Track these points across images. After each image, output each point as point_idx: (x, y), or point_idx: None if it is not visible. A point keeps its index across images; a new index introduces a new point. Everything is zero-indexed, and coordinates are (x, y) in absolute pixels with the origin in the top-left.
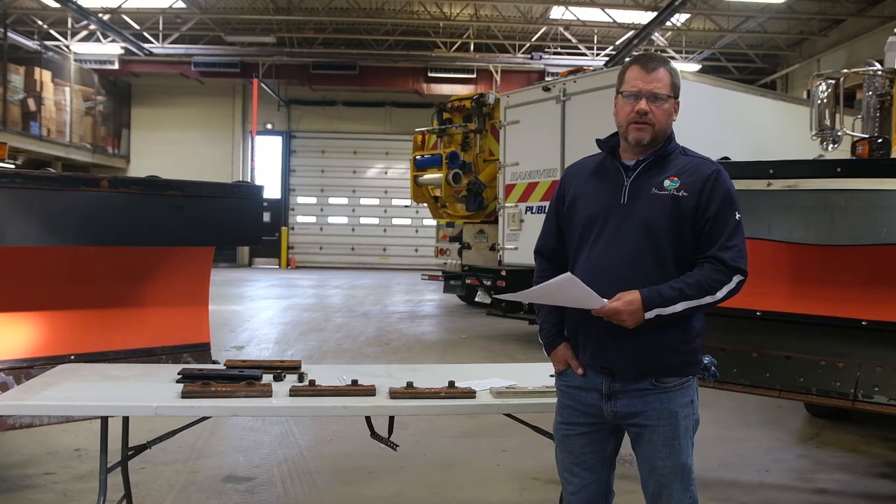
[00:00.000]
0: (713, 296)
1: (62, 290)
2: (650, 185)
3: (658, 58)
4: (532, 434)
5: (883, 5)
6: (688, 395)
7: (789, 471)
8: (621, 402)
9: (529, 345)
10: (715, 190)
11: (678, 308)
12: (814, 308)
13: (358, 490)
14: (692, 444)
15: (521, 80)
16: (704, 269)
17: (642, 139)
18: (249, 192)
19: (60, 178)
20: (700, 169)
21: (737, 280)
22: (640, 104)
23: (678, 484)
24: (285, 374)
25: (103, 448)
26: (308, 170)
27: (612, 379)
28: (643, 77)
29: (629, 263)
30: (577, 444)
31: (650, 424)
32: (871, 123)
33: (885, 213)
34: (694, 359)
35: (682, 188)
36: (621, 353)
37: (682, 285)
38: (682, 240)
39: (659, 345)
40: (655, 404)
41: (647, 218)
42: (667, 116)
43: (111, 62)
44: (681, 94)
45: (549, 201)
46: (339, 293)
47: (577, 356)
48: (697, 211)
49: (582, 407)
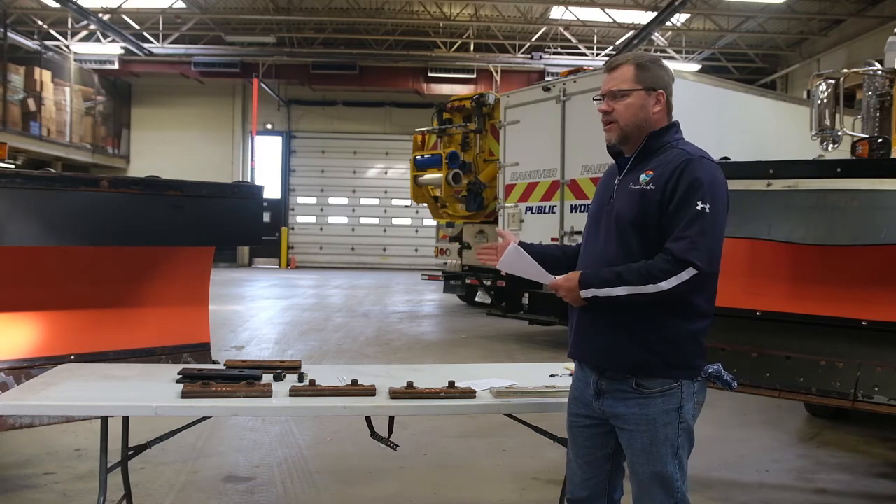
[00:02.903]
0: (655, 285)
1: (62, 290)
2: (629, 182)
3: (623, 56)
4: (532, 434)
5: (883, 5)
6: (671, 403)
7: (789, 471)
8: (607, 402)
9: (529, 345)
10: (680, 180)
11: (616, 292)
12: (814, 308)
13: (358, 490)
14: (679, 452)
15: (521, 80)
16: (655, 258)
17: (610, 139)
18: (249, 192)
19: (60, 178)
20: (672, 160)
21: (689, 273)
22: (602, 105)
23: (658, 490)
24: (285, 374)
25: (103, 448)
26: (308, 170)
27: (600, 375)
28: (605, 79)
29: (604, 260)
30: (580, 435)
31: (629, 429)
32: (871, 123)
33: (885, 213)
34: (679, 362)
35: (651, 181)
36: (591, 345)
37: (622, 270)
38: (651, 233)
39: (629, 341)
40: (635, 409)
41: (619, 214)
42: (632, 110)
43: (111, 62)
44: (681, 95)
45: (549, 201)
46: (339, 293)
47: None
48: (662, 204)
49: (585, 400)
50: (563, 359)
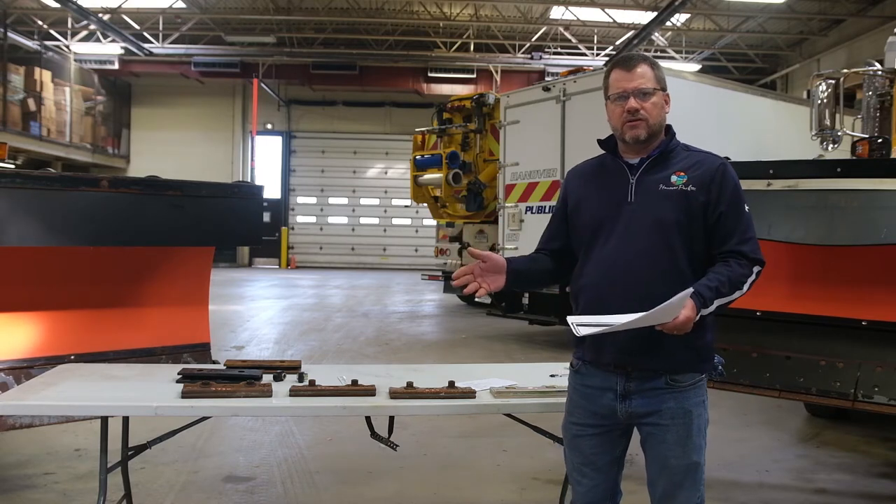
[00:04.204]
0: (741, 290)
1: (62, 290)
2: (657, 182)
3: (636, 56)
4: (532, 434)
5: (883, 5)
6: (701, 395)
7: (789, 471)
8: (636, 402)
9: (529, 345)
10: (724, 184)
11: (714, 306)
12: (814, 308)
13: (358, 490)
14: (705, 443)
15: (521, 80)
16: (730, 264)
17: (639, 136)
18: (249, 192)
19: (60, 178)
20: (706, 163)
21: (756, 271)
22: (629, 103)
23: (688, 482)
24: (285, 374)
25: (103, 448)
26: (308, 170)
27: (626, 378)
28: (625, 77)
29: (645, 259)
30: (587, 444)
31: (664, 423)
32: (871, 123)
33: (885, 213)
34: (707, 355)
35: (689, 183)
36: (642, 351)
37: (717, 284)
38: (692, 233)
39: (675, 340)
40: (670, 403)
41: (658, 214)
42: (658, 109)
43: (111, 62)
44: (681, 95)
45: (549, 201)
46: (339, 293)
47: (586, 353)
48: (708, 206)
49: (595, 408)
50: (563, 359)
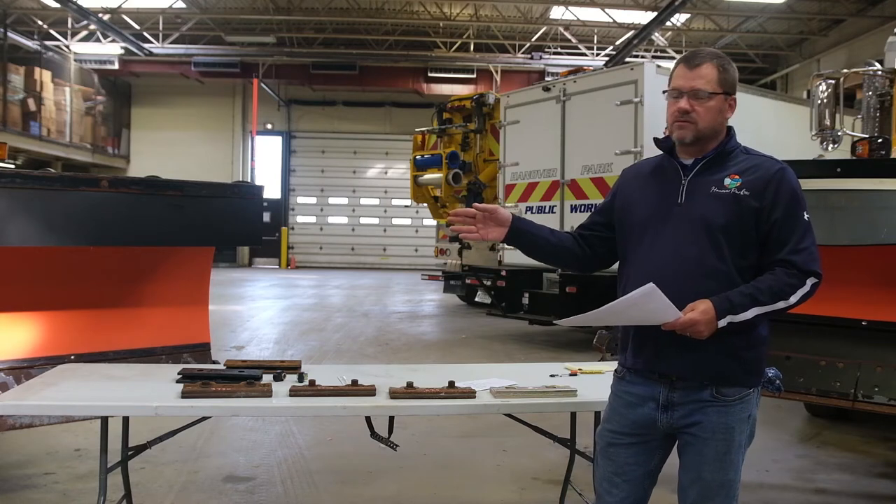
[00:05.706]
0: (786, 301)
1: (62, 290)
2: (710, 184)
3: (705, 53)
4: (532, 434)
5: (883, 5)
6: (746, 410)
7: (789, 471)
8: (678, 413)
9: (529, 345)
10: (780, 190)
11: (750, 315)
12: (814, 308)
13: (358, 490)
14: (743, 458)
15: (521, 80)
16: (776, 273)
17: (684, 137)
18: (249, 192)
19: (60, 178)
20: (763, 167)
21: (811, 283)
22: (680, 103)
23: (721, 498)
24: (285, 374)
25: (103, 448)
26: (308, 170)
27: (670, 388)
28: (685, 75)
29: (692, 263)
30: (622, 454)
31: (704, 437)
32: (871, 123)
33: (885, 213)
34: (757, 368)
35: (743, 187)
36: (682, 358)
37: (752, 291)
38: (743, 239)
39: (721, 350)
40: (713, 417)
41: (707, 217)
42: (712, 114)
43: (111, 62)
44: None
45: (549, 201)
46: (339, 293)
47: (628, 359)
48: (762, 212)
49: (634, 416)
50: (563, 359)
